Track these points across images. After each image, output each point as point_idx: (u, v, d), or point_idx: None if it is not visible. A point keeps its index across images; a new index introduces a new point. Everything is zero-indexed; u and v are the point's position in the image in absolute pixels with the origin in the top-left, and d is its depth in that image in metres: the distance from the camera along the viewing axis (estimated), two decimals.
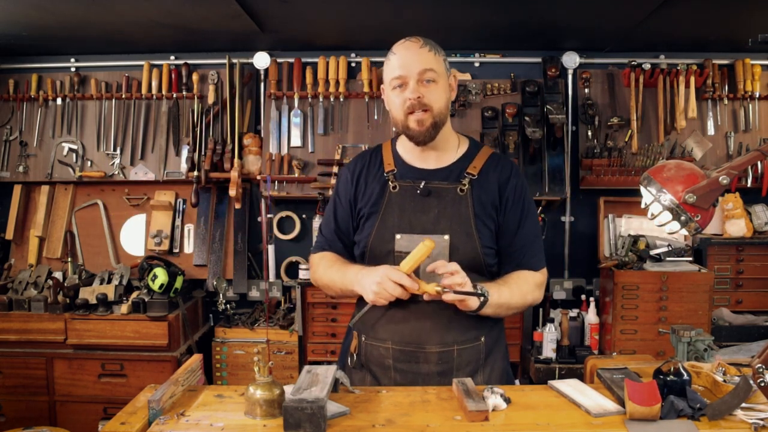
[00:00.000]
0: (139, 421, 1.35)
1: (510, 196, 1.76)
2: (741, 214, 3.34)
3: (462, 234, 1.70)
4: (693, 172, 1.50)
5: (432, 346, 1.69)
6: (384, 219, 1.73)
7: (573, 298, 3.54)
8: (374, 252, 1.74)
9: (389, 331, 1.72)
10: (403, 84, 1.68)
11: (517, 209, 1.76)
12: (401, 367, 1.72)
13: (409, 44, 1.69)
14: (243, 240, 3.58)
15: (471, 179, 1.74)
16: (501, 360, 1.83)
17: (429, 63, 1.68)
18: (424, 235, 1.66)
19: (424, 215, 1.71)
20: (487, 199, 1.74)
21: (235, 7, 2.73)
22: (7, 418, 3.13)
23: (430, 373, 1.70)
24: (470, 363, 1.74)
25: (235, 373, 3.35)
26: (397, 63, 1.69)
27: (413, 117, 1.68)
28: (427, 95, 1.67)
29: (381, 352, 1.73)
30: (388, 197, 1.75)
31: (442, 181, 1.75)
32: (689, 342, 1.83)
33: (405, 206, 1.73)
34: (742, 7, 2.80)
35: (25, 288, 3.32)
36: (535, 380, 3.11)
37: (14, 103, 3.61)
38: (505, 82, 3.51)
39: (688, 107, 3.36)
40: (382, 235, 1.72)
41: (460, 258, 1.67)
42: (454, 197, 1.73)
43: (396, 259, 1.68)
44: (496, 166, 1.78)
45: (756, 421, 1.30)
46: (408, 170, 1.78)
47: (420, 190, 1.73)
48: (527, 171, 3.43)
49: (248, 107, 3.60)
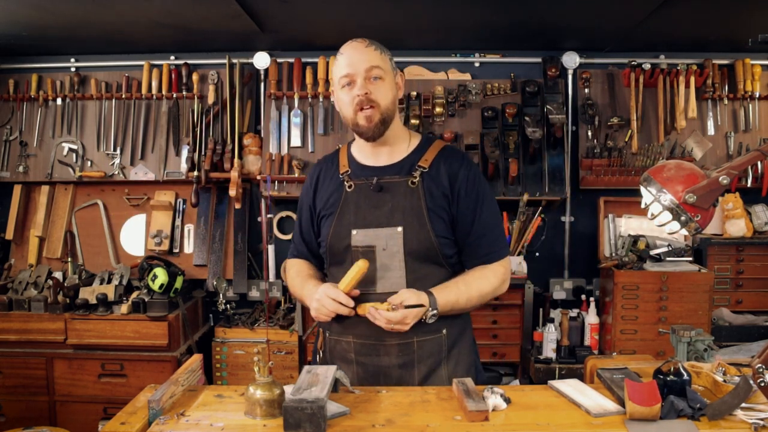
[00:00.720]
0: (139, 421, 1.35)
1: (462, 186, 1.79)
2: (741, 214, 3.34)
3: (415, 225, 1.74)
4: (693, 172, 1.50)
5: (391, 338, 1.73)
6: (341, 217, 1.80)
7: (573, 298, 3.54)
8: (333, 249, 1.81)
9: (350, 325, 1.77)
10: (351, 82, 1.73)
11: (470, 200, 1.79)
12: (363, 360, 1.77)
13: (356, 44, 1.76)
14: (243, 240, 3.58)
15: (422, 172, 1.79)
16: (467, 354, 1.86)
17: (375, 61, 1.74)
18: (379, 229, 1.74)
19: (378, 210, 1.77)
20: (438, 191, 1.78)
21: (235, 7, 2.73)
22: (7, 418, 3.13)
23: (391, 366, 1.75)
24: (432, 355, 1.77)
25: (235, 373, 3.35)
26: (344, 62, 1.74)
27: (362, 114, 1.73)
28: (374, 92, 1.73)
29: (343, 346, 1.79)
30: (345, 196, 1.81)
31: (393, 176, 1.80)
32: (689, 342, 1.83)
33: (360, 203, 1.79)
34: (742, 7, 2.80)
35: (25, 288, 3.32)
36: (535, 380, 3.11)
37: (14, 103, 3.61)
38: (505, 82, 3.51)
39: (688, 107, 3.36)
40: (339, 232, 1.79)
41: (414, 248, 1.74)
42: (405, 190, 1.78)
43: (353, 253, 1.76)
44: (447, 158, 1.83)
45: (756, 421, 1.30)
46: (361, 169, 1.85)
47: (373, 186, 1.79)
48: (527, 171, 3.43)
49: (248, 107, 3.60)
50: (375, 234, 1.75)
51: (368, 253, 1.75)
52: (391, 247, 1.74)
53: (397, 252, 1.73)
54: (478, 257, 1.81)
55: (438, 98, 3.44)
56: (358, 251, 1.75)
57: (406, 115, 3.41)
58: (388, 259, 1.74)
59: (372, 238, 1.75)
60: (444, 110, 3.44)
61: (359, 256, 1.74)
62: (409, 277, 1.74)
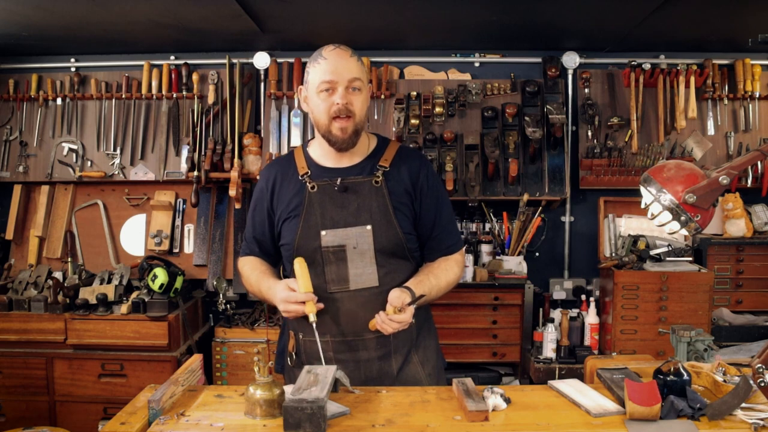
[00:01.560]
0: (139, 421, 1.35)
1: (423, 185, 1.87)
2: (741, 214, 3.34)
3: (383, 223, 1.81)
4: (693, 172, 1.51)
5: (369, 333, 1.79)
6: (307, 219, 1.83)
7: (573, 298, 3.54)
8: (301, 251, 1.83)
9: (326, 325, 1.80)
10: (332, 89, 1.76)
11: (432, 198, 1.89)
12: (342, 357, 1.82)
13: (341, 52, 1.78)
14: (243, 240, 3.57)
15: (384, 171, 1.85)
16: (431, 339, 1.98)
17: (358, 72, 1.78)
18: (348, 228, 1.79)
19: (345, 210, 1.82)
20: (400, 189, 1.85)
21: (235, 7, 2.73)
22: (7, 418, 3.13)
23: (371, 359, 1.83)
24: (405, 344, 1.87)
25: (235, 373, 3.35)
26: (327, 68, 1.76)
27: (337, 123, 1.77)
28: (353, 102, 1.77)
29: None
30: (308, 198, 1.84)
31: (357, 176, 1.84)
32: (689, 342, 1.83)
33: (325, 204, 1.83)
34: (742, 7, 2.80)
35: (25, 288, 3.31)
36: (535, 380, 3.11)
37: (14, 103, 3.61)
38: (505, 82, 3.50)
39: (688, 107, 3.36)
40: (307, 234, 1.82)
41: (383, 245, 1.80)
42: (370, 189, 1.83)
43: (324, 254, 1.80)
44: (406, 157, 1.90)
45: (756, 421, 1.30)
46: (322, 171, 1.88)
47: (337, 186, 1.82)
48: (527, 171, 3.43)
49: (248, 107, 3.60)
50: (345, 233, 1.80)
51: (339, 252, 1.80)
52: (361, 245, 1.79)
53: (367, 250, 1.79)
54: (441, 250, 1.93)
55: (438, 98, 3.44)
56: (329, 251, 1.80)
57: (406, 115, 3.41)
58: (359, 257, 1.80)
59: (342, 238, 1.80)
60: (444, 110, 3.44)
61: (330, 257, 1.80)
62: (380, 272, 1.81)
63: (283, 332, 2.04)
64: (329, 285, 1.81)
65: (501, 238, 3.42)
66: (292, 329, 1.92)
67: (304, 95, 1.87)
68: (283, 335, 2.04)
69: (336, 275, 1.81)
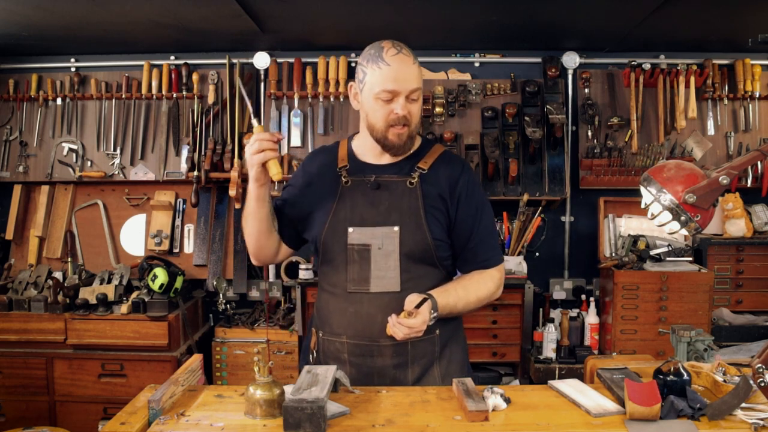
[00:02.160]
0: (139, 421, 1.35)
1: (462, 192, 1.79)
2: (741, 214, 3.34)
3: (411, 225, 1.73)
4: (693, 172, 1.51)
5: (385, 339, 1.71)
6: (336, 213, 1.77)
7: (573, 298, 3.54)
8: (327, 245, 1.77)
9: (343, 325, 1.76)
10: (393, 98, 1.69)
11: (470, 206, 1.79)
12: (356, 361, 1.75)
13: (404, 58, 1.70)
14: (243, 240, 3.55)
15: (421, 173, 1.78)
16: (459, 353, 1.87)
17: (419, 82, 1.72)
18: (375, 228, 1.73)
19: (375, 208, 1.75)
20: (436, 193, 1.77)
21: (235, 7, 2.73)
22: (7, 418, 3.13)
23: (386, 366, 1.74)
24: (425, 355, 1.78)
25: (235, 373, 3.35)
26: (390, 75, 1.67)
27: (394, 130, 1.71)
28: (411, 112, 1.71)
29: (337, 346, 1.77)
30: (341, 192, 1.79)
31: (392, 175, 1.79)
32: (689, 342, 1.83)
33: (356, 200, 1.77)
34: (742, 7, 2.80)
35: (25, 288, 3.31)
36: (535, 380, 3.11)
37: (14, 103, 3.61)
38: (505, 82, 3.50)
39: (688, 107, 3.36)
40: (335, 229, 1.76)
41: (410, 248, 1.73)
42: (403, 190, 1.76)
43: (349, 251, 1.74)
44: (447, 163, 1.83)
45: (756, 421, 1.30)
46: (360, 166, 1.82)
47: (370, 183, 1.77)
48: (527, 171, 3.43)
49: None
50: (371, 232, 1.73)
51: (363, 251, 1.74)
52: (386, 246, 1.73)
53: (392, 252, 1.73)
54: (476, 263, 1.82)
55: (438, 98, 3.44)
56: (354, 249, 1.74)
57: None
58: (383, 259, 1.73)
59: (368, 237, 1.73)
60: (444, 110, 3.44)
61: (354, 255, 1.74)
62: (404, 277, 1.73)
63: (309, 329, 1.97)
64: (349, 284, 1.75)
65: (501, 238, 3.42)
66: (314, 326, 1.87)
67: (355, 92, 1.79)
68: (308, 333, 1.97)
69: (357, 275, 1.75)
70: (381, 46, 1.71)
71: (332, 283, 1.80)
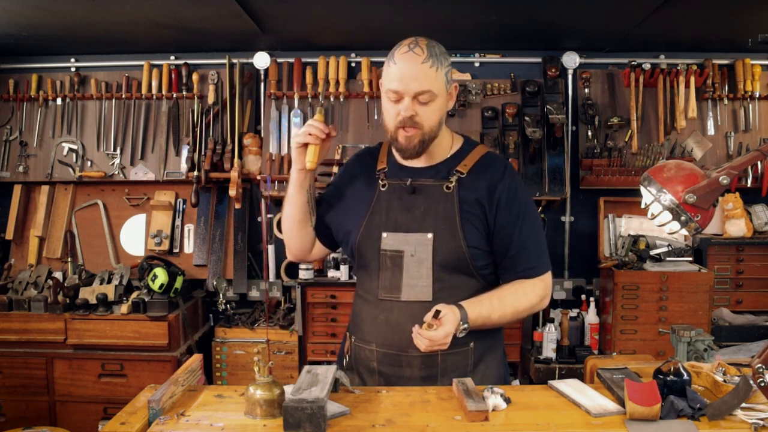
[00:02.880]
0: (139, 421, 1.35)
1: (502, 197, 1.68)
2: (741, 214, 3.34)
3: (446, 232, 1.66)
4: (693, 172, 1.51)
5: (414, 350, 1.62)
6: (371, 217, 1.72)
7: (573, 298, 3.54)
8: (362, 250, 1.73)
9: (374, 333, 1.71)
10: (399, 98, 1.61)
11: (510, 211, 1.69)
12: (385, 370, 1.70)
13: (412, 57, 1.59)
14: (243, 240, 3.58)
15: (459, 177, 1.70)
16: (496, 367, 1.78)
17: (428, 83, 1.59)
18: (409, 234, 1.67)
19: (410, 213, 1.69)
20: (473, 198, 1.68)
21: (235, 7, 2.73)
22: (7, 418, 3.13)
23: (414, 378, 1.68)
24: (457, 369, 1.69)
25: (235, 373, 3.35)
26: (396, 75, 1.60)
27: (403, 132, 1.64)
28: (420, 113, 1.61)
29: (367, 354, 1.73)
30: (377, 195, 1.74)
31: (429, 179, 1.72)
32: (689, 342, 1.83)
33: (392, 204, 1.72)
34: (742, 7, 2.80)
35: (25, 288, 3.31)
36: (535, 380, 3.11)
37: (14, 103, 3.61)
38: (505, 82, 3.50)
39: (688, 107, 3.36)
40: (370, 233, 1.71)
41: (444, 257, 1.66)
42: (440, 195, 1.69)
43: (381, 257, 1.69)
44: (488, 166, 1.73)
45: (756, 421, 1.30)
46: (398, 169, 1.76)
47: (406, 187, 1.71)
48: (527, 171, 3.43)
49: (248, 107, 3.60)
50: (404, 239, 1.67)
51: (396, 258, 1.67)
52: (419, 253, 1.66)
53: (425, 259, 1.65)
54: (516, 272, 1.72)
55: None
56: (386, 255, 1.68)
57: None
58: (415, 267, 1.66)
59: (401, 243, 1.67)
60: None
61: (387, 262, 1.68)
62: (436, 286, 1.66)
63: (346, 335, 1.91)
64: (381, 291, 1.69)
65: None
66: (349, 331, 1.83)
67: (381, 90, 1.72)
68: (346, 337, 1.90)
69: (389, 282, 1.68)
70: (400, 44, 1.64)
71: (366, 288, 1.76)
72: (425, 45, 1.61)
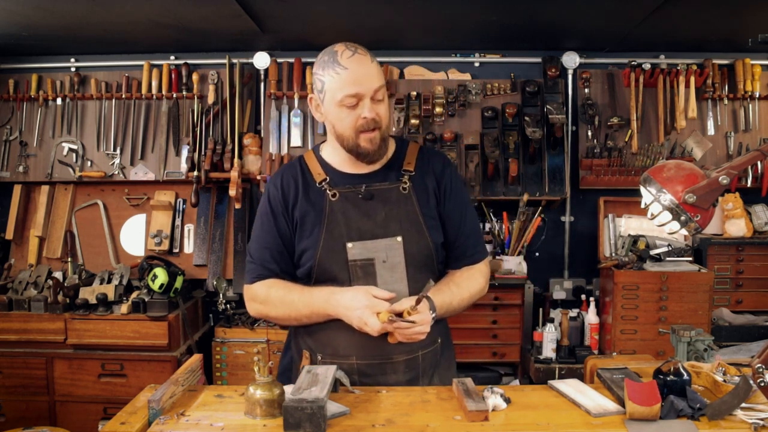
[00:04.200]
0: (139, 421, 1.35)
1: (447, 186, 1.74)
2: (741, 214, 3.34)
3: (414, 233, 1.68)
4: (693, 172, 1.51)
5: (399, 354, 1.66)
6: (330, 230, 1.66)
7: (573, 298, 3.54)
8: (324, 266, 1.66)
9: (353, 346, 1.67)
10: (358, 102, 1.60)
11: (456, 200, 1.75)
12: (367, 381, 1.67)
13: (360, 58, 1.59)
14: (243, 240, 3.58)
15: (410, 176, 1.72)
16: (452, 358, 1.86)
17: (381, 80, 1.62)
18: (376, 240, 1.65)
19: (371, 220, 1.67)
20: (427, 194, 1.72)
21: (235, 7, 2.73)
22: (7, 418, 3.12)
23: (398, 383, 1.67)
24: (432, 366, 1.74)
25: (235, 373, 3.35)
26: (349, 79, 1.58)
27: (365, 136, 1.62)
28: (379, 113, 1.62)
29: (344, 368, 1.65)
30: (329, 207, 1.68)
31: (382, 182, 1.71)
32: (689, 342, 1.83)
33: (349, 213, 1.67)
34: (742, 7, 2.80)
35: (25, 288, 3.31)
36: (535, 380, 3.11)
37: (14, 103, 3.61)
38: (505, 82, 3.50)
39: (688, 107, 3.36)
40: (331, 247, 1.65)
41: (414, 257, 1.67)
42: (398, 197, 1.70)
43: (351, 268, 1.65)
44: (429, 159, 1.77)
45: (756, 421, 1.30)
46: (341, 177, 1.72)
47: (362, 194, 1.68)
48: (527, 171, 3.43)
49: (248, 107, 3.60)
50: (372, 246, 1.65)
51: (367, 266, 1.65)
52: (392, 258, 1.65)
53: (398, 263, 1.65)
54: (466, 258, 1.78)
55: (438, 98, 3.44)
56: (357, 266, 1.65)
57: (406, 115, 3.41)
58: (388, 272, 1.65)
59: (370, 251, 1.65)
60: (444, 110, 3.44)
61: (358, 272, 1.65)
62: (411, 288, 1.67)
63: (288, 348, 1.85)
64: None
65: (501, 238, 3.42)
66: (306, 348, 1.74)
67: (317, 104, 1.68)
68: (287, 351, 1.85)
69: None
70: (334, 50, 1.62)
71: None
72: (359, 46, 1.64)
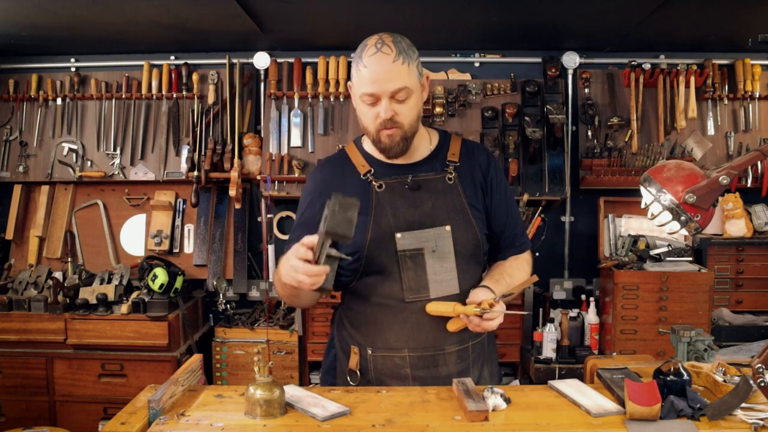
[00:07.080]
0: (139, 421, 1.35)
1: (493, 178, 1.75)
2: (741, 214, 3.34)
3: (461, 222, 1.67)
4: (693, 172, 1.51)
5: (451, 345, 1.66)
6: (377, 221, 1.64)
7: (573, 298, 3.54)
8: (373, 256, 1.64)
9: (404, 338, 1.65)
10: (375, 101, 1.60)
11: (501, 192, 1.76)
12: (419, 374, 1.66)
13: (382, 57, 1.57)
14: (243, 240, 3.58)
15: (455, 166, 1.72)
16: (495, 350, 1.86)
17: (402, 80, 1.58)
18: (425, 230, 1.63)
19: (419, 209, 1.66)
20: (473, 185, 1.72)
21: (235, 7, 2.73)
22: (7, 418, 3.13)
23: (450, 375, 1.64)
24: (480, 357, 1.75)
25: (235, 373, 3.35)
26: (368, 77, 1.58)
27: (384, 132, 1.62)
28: (400, 112, 1.60)
29: (396, 362, 1.66)
30: (375, 198, 1.67)
31: (428, 173, 1.70)
32: (689, 342, 1.83)
33: (396, 204, 1.66)
34: (742, 7, 2.80)
35: (25, 288, 3.31)
36: (535, 380, 3.11)
37: (14, 103, 3.61)
38: (505, 82, 3.50)
39: (688, 107, 3.36)
40: (380, 237, 1.64)
41: (462, 247, 1.66)
42: (444, 187, 1.69)
43: (401, 259, 1.63)
44: (473, 150, 1.78)
45: (756, 421, 1.30)
46: (386, 168, 1.71)
47: (408, 184, 1.67)
48: (527, 171, 3.43)
49: (248, 107, 3.60)
50: (421, 235, 1.63)
51: (417, 256, 1.63)
52: (441, 248, 1.63)
53: (448, 252, 1.64)
54: (514, 247, 1.79)
55: (438, 98, 3.44)
56: (406, 256, 1.63)
57: None
58: (438, 262, 1.64)
59: (419, 240, 1.63)
60: (444, 110, 3.44)
61: (407, 262, 1.63)
62: (461, 277, 1.65)
63: (331, 347, 1.82)
64: (407, 293, 1.63)
65: None
66: (354, 344, 1.72)
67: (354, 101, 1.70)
68: (330, 350, 1.82)
69: (414, 282, 1.63)
70: (365, 44, 1.61)
71: (384, 294, 1.66)
72: (392, 42, 1.60)
